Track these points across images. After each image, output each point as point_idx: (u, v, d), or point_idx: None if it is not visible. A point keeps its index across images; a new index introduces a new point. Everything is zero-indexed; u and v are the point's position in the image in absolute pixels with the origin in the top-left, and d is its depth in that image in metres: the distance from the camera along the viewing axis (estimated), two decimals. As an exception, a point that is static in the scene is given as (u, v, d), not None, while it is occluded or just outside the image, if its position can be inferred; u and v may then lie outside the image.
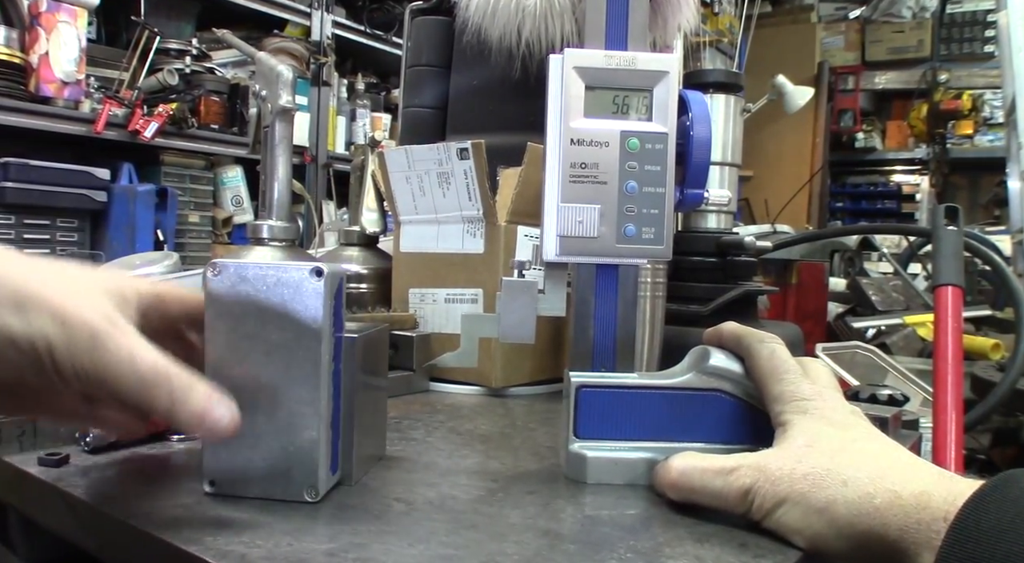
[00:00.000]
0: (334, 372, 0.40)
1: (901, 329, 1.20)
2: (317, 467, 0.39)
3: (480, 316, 0.47)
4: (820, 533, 0.35)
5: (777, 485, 0.36)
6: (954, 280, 0.53)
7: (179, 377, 0.34)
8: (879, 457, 0.36)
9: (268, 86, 0.77)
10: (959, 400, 0.49)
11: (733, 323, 0.46)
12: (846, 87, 4.55)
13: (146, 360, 0.33)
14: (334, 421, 0.40)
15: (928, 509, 0.32)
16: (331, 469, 0.40)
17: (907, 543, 0.33)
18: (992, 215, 3.55)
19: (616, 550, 0.35)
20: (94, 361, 0.32)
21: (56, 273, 0.34)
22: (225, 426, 0.35)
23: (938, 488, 0.33)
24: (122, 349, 0.33)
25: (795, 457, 0.37)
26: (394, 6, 3.02)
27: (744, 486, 0.37)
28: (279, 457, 0.39)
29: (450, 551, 0.34)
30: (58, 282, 0.33)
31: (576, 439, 0.45)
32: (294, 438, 0.39)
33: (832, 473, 0.35)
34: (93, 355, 0.32)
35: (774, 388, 0.41)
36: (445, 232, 0.73)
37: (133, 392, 0.33)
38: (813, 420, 0.39)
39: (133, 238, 2.15)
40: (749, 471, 0.37)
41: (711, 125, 0.45)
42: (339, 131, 3.03)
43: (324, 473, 0.39)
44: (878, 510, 0.33)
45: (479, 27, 0.79)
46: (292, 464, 0.39)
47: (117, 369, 0.33)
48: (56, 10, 2.04)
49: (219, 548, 0.33)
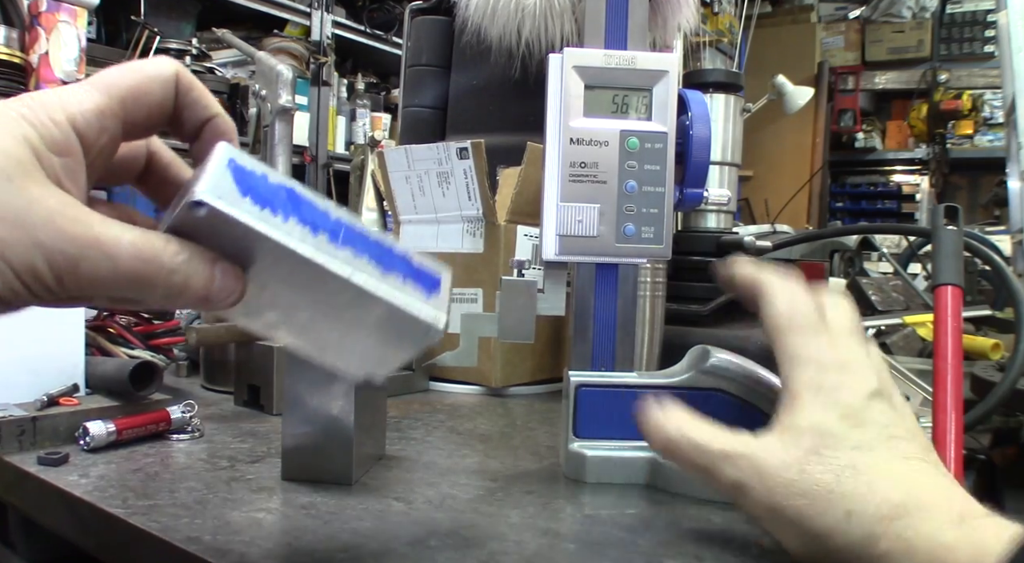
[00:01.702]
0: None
1: (901, 329, 1.20)
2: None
3: (480, 315, 0.47)
4: (811, 556, 0.32)
5: (772, 493, 0.32)
6: (954, 280, 0.53)
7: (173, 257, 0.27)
8: (895, 488, 0.30)
9: (268, 86, 0.77)
10: (959, 400, 0.49)
11: (745, 263, 0.40)
12: (846, 87, 4.55)
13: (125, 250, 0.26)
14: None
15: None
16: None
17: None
18: (992, 215, 3.55)
19: (616, 549, 0.35)
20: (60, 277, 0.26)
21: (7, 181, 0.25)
22: (236, 294, 0.29)
23: (961, 540, 0.28)
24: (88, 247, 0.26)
25: (798, 465, 0.32)
26: (394, 6, 3.02)
27: (736, 480, 0.33)
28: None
29: (450, 551, 0.34)
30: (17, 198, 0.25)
31: (576, 438, 0.45)
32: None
33: (835, 498, 0.31)
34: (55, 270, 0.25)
35: (789, 343, 0.36)
36: (445, 232, 0.73)
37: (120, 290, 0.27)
38: (826, 405, 0.33)
39: (133, 238, 2.14)
40: (745, 465, 0.33)
41: (711, 125, 0.45)
42: (339, 131, 3.03)
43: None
44: (882, 556, 0.29)
45: (479, 27, 0.79)
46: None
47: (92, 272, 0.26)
48: (56, 10, 2.04)
49: (218, 548, 0.33)
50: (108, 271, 0.26)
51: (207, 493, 0.40)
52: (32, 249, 0.25)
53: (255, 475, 0.44)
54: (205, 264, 0.28)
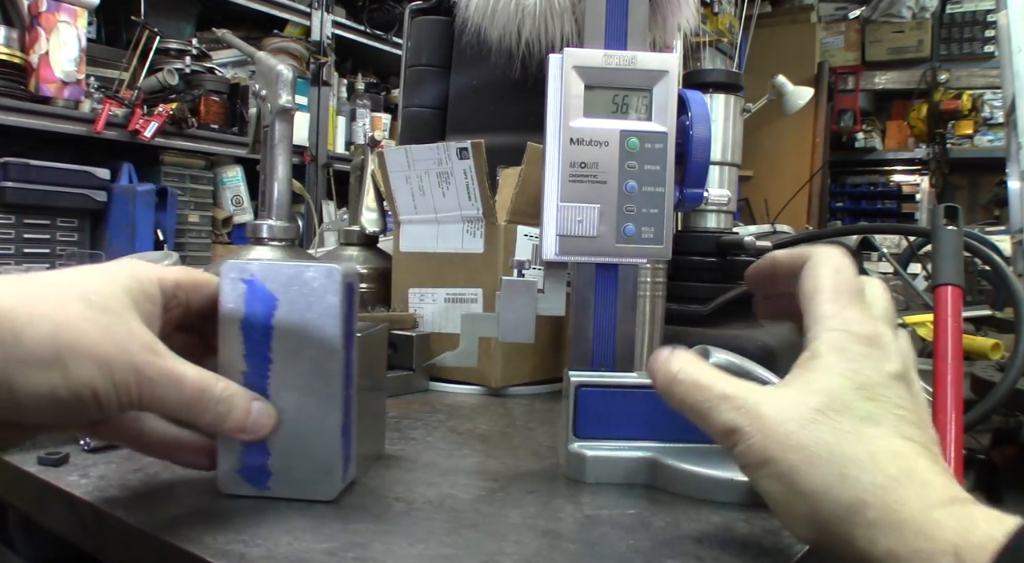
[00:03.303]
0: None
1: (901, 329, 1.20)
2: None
3: (480, 316, 0.47)
4: (796, 515, 0.32)
5: (768, 442, 0.32)
6: (954, 280, 0.53)
7: (222, 391, 0.36)
8: (894, 460, 0.31)
9: (268, 86, 0.77)
10: (959, 400, 0.49)
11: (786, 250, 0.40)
12: (846, 87, 4.55)
13: (189, 382, 0.35)
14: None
15: (934, 540, 0.28)
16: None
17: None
18: (992, 215, 3.55)
19: (616, 549, 0.35)
20: (140, 394, 0.33)
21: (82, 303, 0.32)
22: (267, 429, 0.37)
23: (949, 516, 0.29)
24: (165, 376, 0.34)
25: (800, 419, 0.32)
26: (394, 6, 3.02)
27: (732, 424, 0.33)
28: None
29: (450, 550, 0.34)
30: (91, 320, 0.32)
31: (576, 438, 0.45)
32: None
33: (833, 460, 0.30)
34: (140, 388, 0.33)
35: (823, 305, 0.35)
36: (445, 232, 0.73)
37: (179, 413, 0.35)
38: (845, 372, 0.33)
39: (133, 238, 2.15)
40: (745, 410, 0.33)
41: (711, 125, 0.45)
42: (339, 131, 3.03)
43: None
44: (869, 524, 0.29)
45: (479, 27, 0.79)
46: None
47: (163, 395, 0.34)
48: (56, 10, 2.04)
49: (219, 548, 0.33)
50: (174, 395, 0.34)
51: (207, 493, 0.40)
52: (129, 369, 0.32)
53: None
54: (245, 400, 0.37)
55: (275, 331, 0.38)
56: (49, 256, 2.06)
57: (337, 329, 0.38)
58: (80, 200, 2.09)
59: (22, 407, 0.31)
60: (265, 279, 0.38)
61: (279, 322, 0.38)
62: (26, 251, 2.03)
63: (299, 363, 0.38)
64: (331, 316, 0.38)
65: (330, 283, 0.38)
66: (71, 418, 0.33)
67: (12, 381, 0.30)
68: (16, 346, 0.30)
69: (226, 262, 0.38)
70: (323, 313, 0.38)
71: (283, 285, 0.38)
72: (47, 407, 0.31)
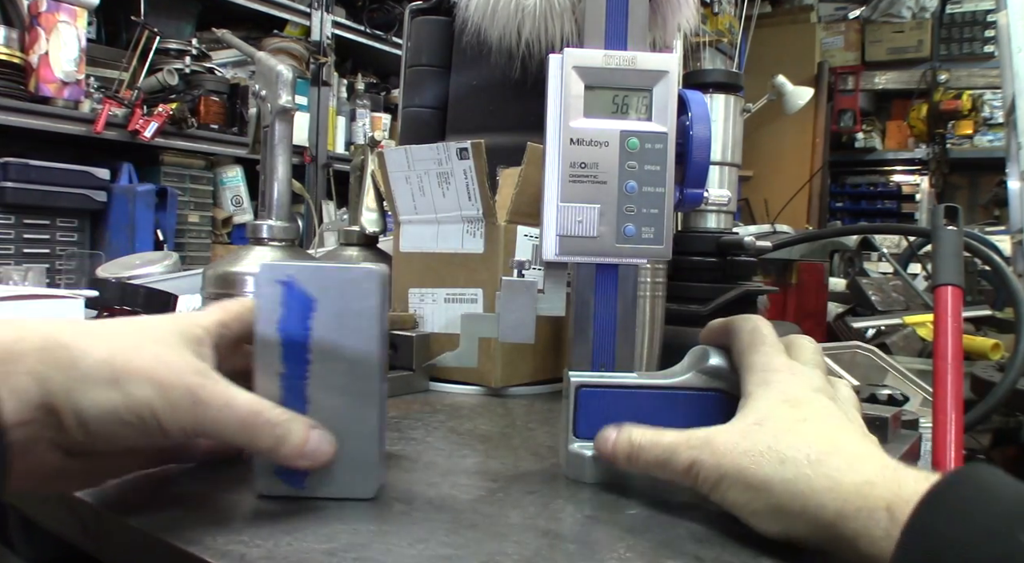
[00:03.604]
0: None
1: (901, 329, 1.20)
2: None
3: (480, 316, 0.47)
4: (758, 511, 0.35)
5: (720, 460, 0.36)
6: (954, 280, 0.53)
7: (278, 416, 0.36)
8: (825, 439, 0.35)
9: (268, 86, 0.77)
10: (959, 400, 0.49)
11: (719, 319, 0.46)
12: (846, 87, 4.55)
13: (243, 406, 0.35)
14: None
15: (869, 498, 0.32)
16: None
17: (844, 528, 0.32)
18: (992, 215, 3.55)
19: (616, 550, 0.35)
20: (196, 416, 0.34)
21: (135, 336, 0.35)
22: (326, 456, 0.38)
23: (882, 478, 0.32)
24: (219, 399, 0.35)
25: (741, 433, 0.37)
26: (394, 6, 3.02)
27: (690, 459, 0.37)
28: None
29: (450, 551, 0.34)
30: (144, 348, 0.34)
31: (576, 439, 0.45)
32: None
33: (772, 451, 0.35)
34: (195, 410, 0.34)
35: (747, 359, 0.41)
36: (445, 232, 0.73)
37: (235, 437, 0.36)
38: (772, 395, 0.38)
39: (133, 238, 2.15)
40: (696, 443, 0.37)
41: (711, 125, 0.45)
42: (339, 131, 3.03)
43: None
44: (815, 492, 0.33)
45: (479, 27, 0.79)
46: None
47: (218, 418, 0.35)
48: (56, 10, 2.04)
49: (219, 548, 0.33)
50: (230, 419, 0.35)
51: (207, 494, 0.40)
52: (184, 391, 0.34)
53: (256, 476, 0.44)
54: (304, 427, 0.37)
55: (313, 332, 0.38)
56: (49, 256, 2.06)
57: (375, 330, 0.39)
58: (80, 200, 2.10)
59: (89, 428, 0.32)
60: (303, 281, 0.38)
61: (317, 324, 0.38)
62: (26, 251, 2.03)
63: (338, 364, 0.39)
64: (370, 317, 0.39)
65: (369, 285, 0.39)
66: (138, 441, 0.34)
67: (76, 402, 0.32)
68: (74, 369, 0.32)
69: (262, 265, 0.38)
70: (362, 314, 0.39)
71: (321, 287, 0.38)
72: (113, 428, 0.33)
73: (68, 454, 0.34)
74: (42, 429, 0.32)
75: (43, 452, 0.33)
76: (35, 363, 0.31)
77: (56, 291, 0.75)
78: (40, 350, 0.32)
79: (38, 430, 0.32)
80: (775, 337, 0.42)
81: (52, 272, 2.01)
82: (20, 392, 0.31)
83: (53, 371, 0.32)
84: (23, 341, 0.32)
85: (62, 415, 0.32)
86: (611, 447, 0.41)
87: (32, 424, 0.32)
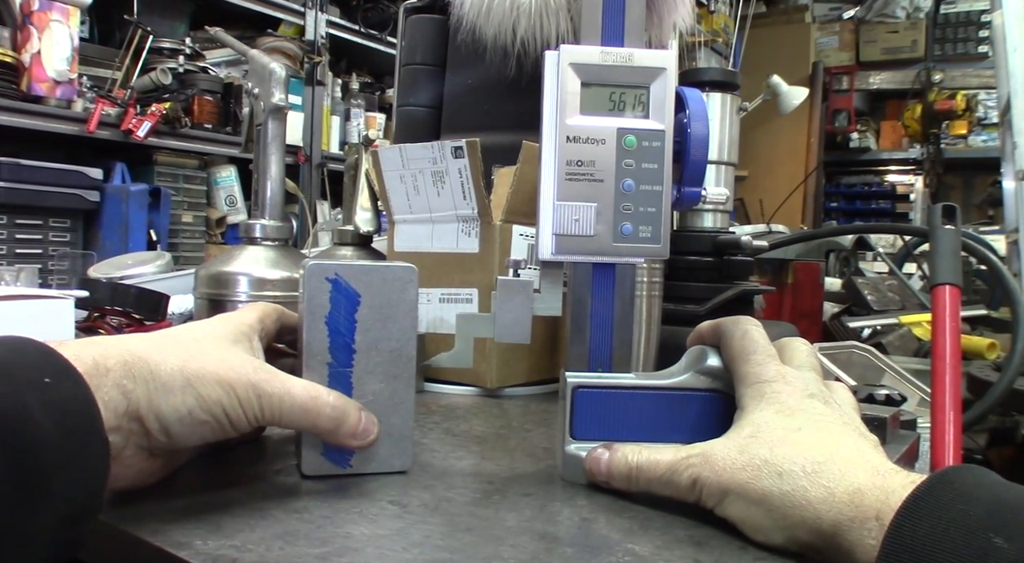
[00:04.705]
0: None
1: (897, 329, 1.20)
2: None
3: (475, 316, 0.47)
4: (760, 524, 0.35)
5: (721, 476, 0.37)
6: (952, 279, 0.52)
7: (335, 401, 0.40)
8: (819, 448, 0.36)
9: (261, 84, 0.77)
10: (957, 400, 0.49)
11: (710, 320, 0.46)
12: (840, 87, 4.56)
13: (301, 394, 0.39)
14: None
15: (860, 507, 0.32)
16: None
17: (842, 539, 0.33)
18: (986, 215, 3.56)
19: (614, 553, 0.35)
20: (263, 408, 0.38)
21: (199, 343, 0.40)
22: (374, 436, 0.42)
23: (871, 486, 0.33)
24: (279, 390, 0.39)
25: (738, 448, 0.37)
26: (388, 5, 3.02)
27: (691, 476, 0.38)
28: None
29: (445, 555, 0.34)
30: (208, 353, 0.38)
31: (572, 440, 0.44)
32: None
33: (769, 465, 0.35)
34: (260, 403, 0.38)
35: (740, 369, 0.41)
36: (440, 231, 0.73)
37: (299, 422, 0.40)
38: (766, 406, 0.39)
39: (126, 238, 2.14)
40: (696, 461, 0.38)
41: (708, 122, 0.45)
42: (333, 131, 3.02)
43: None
44: (811, 503, 0.34)
45: (474, 25, 0.79)
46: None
47: (282, 407, 0.39)
48: (48, 9, 2.03)
49: (210, 552, 0.33)
50: (293, 407, 0.39)
51: (199, 497, 0.40)
52: (249, 387, 0.38)
53: (248, 479, 0.43)
54: (356, 410, 0.42)
55: (359, 324, 0.42)
56: (41, 256, 2.05)
57: (413, 320, 0.44)
58: (73, 200, 2.09)
59: (171, 430, 0.36)
60: (349, 278, 0.42)
61: (362, 316, 0.42)
62: (18, 251, 2.02)
63: (380, 352, 0.43)
64: (409, 309, 0.43)
65: (409, 280, 0.43)
66: (213, 435, 0.38)
67: (158, 409, 0.35)
68: (154, 380, 0.36)
69: (308, 264, 0.42)
70: (402, 307, 0.43)
71: (366, 283, 0.42)
72: (190, 427, 0.37)
73: (151, 455, 0.37)
74: (129, 435, 0.35)
75: (130, 456, 0.36)
76: (120, 376, 0.35)
77: (46, 292, 0.74)
78: (123, 364, 0.35)
79: (126, 436, 0.35)
80: (766, 341, 0.42)
81: (45, 272, 1.99)
82: (109, 402, 0.34)
83: (136, 382, 0.35)
84: (108, 358, 0.35)
85: (146, 421, 0.35)
86: (604, 468, 0.42)
87: (120, 431, 0.35)
